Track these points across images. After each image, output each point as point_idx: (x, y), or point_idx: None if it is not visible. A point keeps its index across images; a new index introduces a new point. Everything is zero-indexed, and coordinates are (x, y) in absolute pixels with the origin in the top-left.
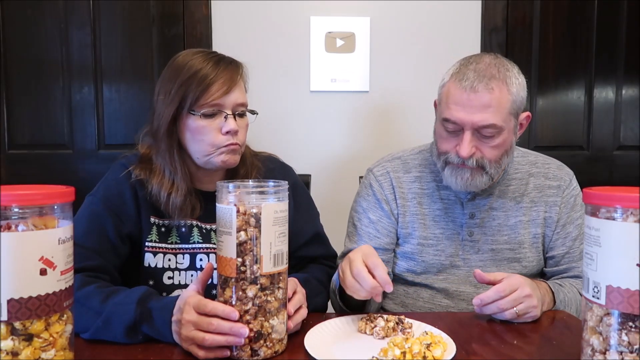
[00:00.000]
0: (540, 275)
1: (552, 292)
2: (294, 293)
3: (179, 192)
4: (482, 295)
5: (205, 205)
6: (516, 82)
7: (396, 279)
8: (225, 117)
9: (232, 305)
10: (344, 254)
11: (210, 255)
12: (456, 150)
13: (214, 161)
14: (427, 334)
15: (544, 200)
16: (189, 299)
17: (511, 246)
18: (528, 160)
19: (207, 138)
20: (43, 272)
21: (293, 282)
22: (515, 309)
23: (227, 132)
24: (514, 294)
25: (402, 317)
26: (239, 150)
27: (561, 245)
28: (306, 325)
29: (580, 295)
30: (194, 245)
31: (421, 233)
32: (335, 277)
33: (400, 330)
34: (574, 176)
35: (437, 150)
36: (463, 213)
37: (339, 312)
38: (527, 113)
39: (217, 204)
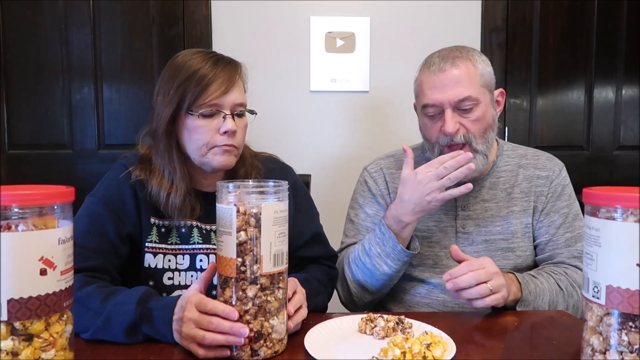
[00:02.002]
0: (535, 265)
1: (520, 283)
2: (294, 293)
3: (178, 192)
4: (452, 270)
5: (205, 205)
6: (479, 60)
7: None
8: (224, 117)
9: (232, 305)
10: (341, 250)
11: (211, 255)
12: (442, 130)
13: (209, 162)
14: (427, 334)
15: (533, 191)
16: (191, 297)
17: (504, 236)
18: (518, 153)
19: (204, 138)
20: (43, 272)
21: (293, 282)
22: (488, 284)
23: (225, 132)
24: (485, 269)
25: (402, 317)
26: (235, 152)
27: (545, 233)
28: (306, 325)
29: (558, 286)
30: (194, 246)
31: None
32: (348, 272)
33: (400, 330)
34: (565, 167)
35: (428, 144)
36: (455, 205)
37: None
38: (500, 90)
39: (217, 204)
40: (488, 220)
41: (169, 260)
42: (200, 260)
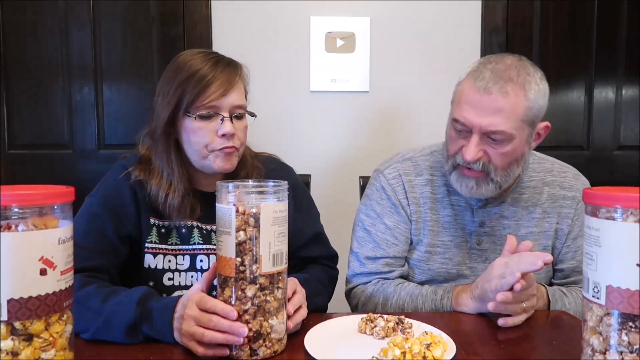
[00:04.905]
0: (548, 285)
1: (548, 300)
2: (294, 293)
3: (177, 193)
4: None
5: (205, 206)
6: (536, 89)
7: None
8: (222, 120)
9: (232, 305)
10: (356, 256)
11: (211, 256)
12: (462, 152)
13: (210, 165)
14: (427, 334)
15: (557, 212)
16: (192, 295)
17: None
18: (544, 167)
19: (202, 140)
20: (43, 272)
21: (293, 282)
22: (523, 303)
23: (223, 135)
24: (528, 291)
25: (402, 317)
26: (235, 153)
27: (571, 258)
28: (306, 325)
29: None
30: (194, 246)
31: (429, 240)
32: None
33: (400, 330)
34: (590, 186)
35: (446, 153)
36: (473, 220)
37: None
38: (546, 123)
39: (216, 204)
40: (505, 239)
41: (169, 261)
42: (201, 261)
